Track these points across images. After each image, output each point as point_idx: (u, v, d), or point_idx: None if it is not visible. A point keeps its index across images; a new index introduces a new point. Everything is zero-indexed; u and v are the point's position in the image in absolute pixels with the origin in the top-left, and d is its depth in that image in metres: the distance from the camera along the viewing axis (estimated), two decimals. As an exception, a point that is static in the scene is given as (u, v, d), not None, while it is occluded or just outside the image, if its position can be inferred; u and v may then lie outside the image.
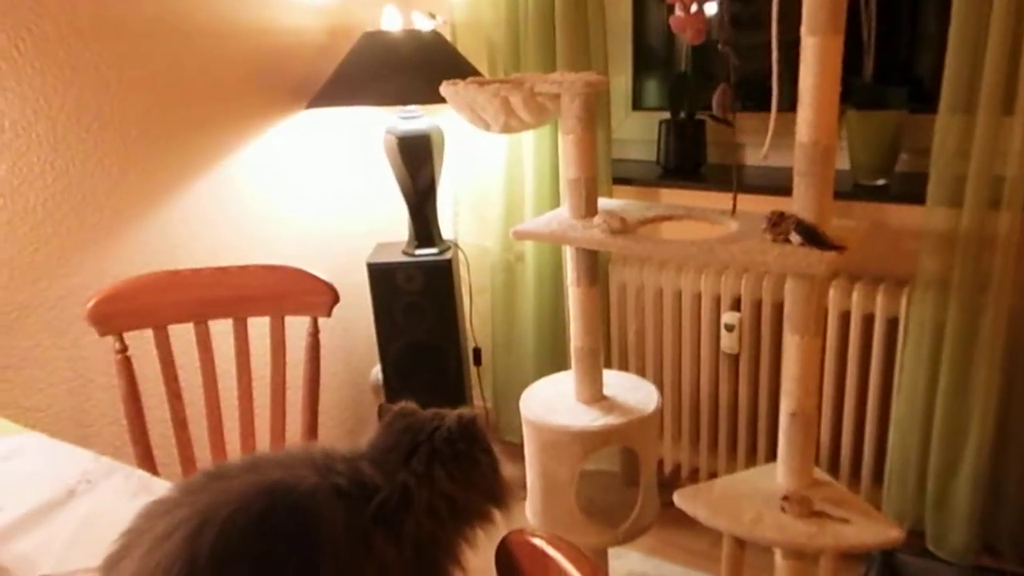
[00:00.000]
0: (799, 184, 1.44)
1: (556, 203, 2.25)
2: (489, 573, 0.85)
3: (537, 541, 0.80)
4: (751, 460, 2.19)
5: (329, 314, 1.64)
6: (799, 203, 1.45)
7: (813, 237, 1.42)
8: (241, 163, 2.06)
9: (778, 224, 1.47)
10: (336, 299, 1.64)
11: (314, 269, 1.63)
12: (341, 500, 0.76)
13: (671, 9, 1.81)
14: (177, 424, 1.64)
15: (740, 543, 1.62)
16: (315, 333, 1.66)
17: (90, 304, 1.53)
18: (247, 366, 1.66)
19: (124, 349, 1.57)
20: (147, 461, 1.58)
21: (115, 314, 1.56)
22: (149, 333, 1.59)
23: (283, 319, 1.66)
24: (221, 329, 1.87)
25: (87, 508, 1.10)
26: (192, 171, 1.94)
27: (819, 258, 1.37)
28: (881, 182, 1.94)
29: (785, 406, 1.59)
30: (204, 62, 1.94)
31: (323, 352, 2.41)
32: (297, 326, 2.10)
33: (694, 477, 2.30)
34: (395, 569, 0.76)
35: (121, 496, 1.12)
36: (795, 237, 1.44)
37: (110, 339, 1.55)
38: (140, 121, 1.81)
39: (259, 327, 1.92)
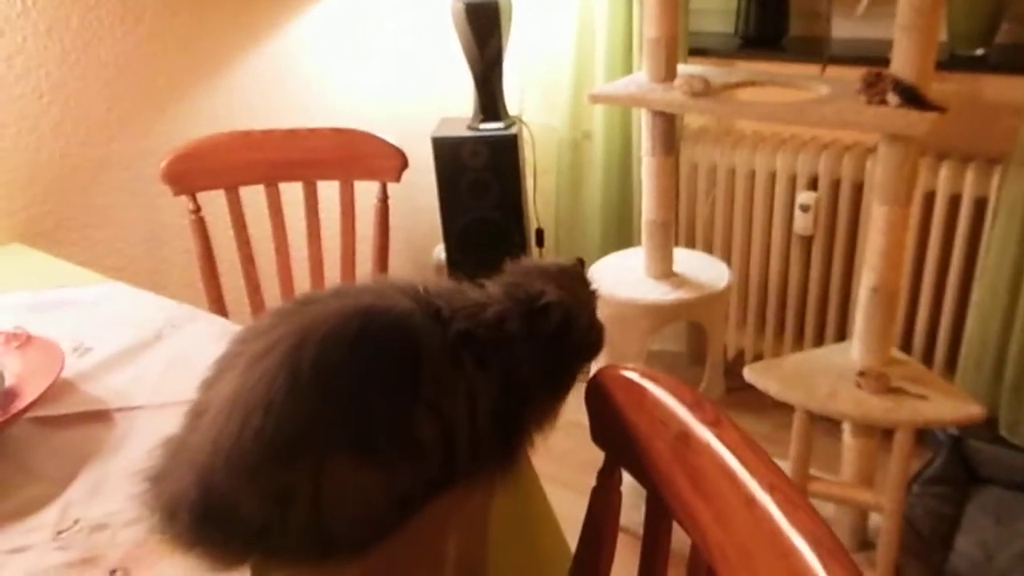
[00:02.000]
0: (900, 39, 1.34)
1: (627, 77, 2.17)
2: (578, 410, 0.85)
3: (631, 374, 0.79)
4: (818, 346, 2.15)
5: (398, 179, 1.62)
6: (899, 61, 1.36)
7: (913, 97, 1.33)
8: (306, 27, 2.01)
9: (874, 84, 1.38)
10: (405, 163, 1.61)
11: (379, 142, 1.60)
12: (436, 322, 0.75)
13: None
14: (251, 288, 1.66)
15: (811, 419, 1.60)
16: (384, 199, 1.64)
17: (164, 163, 1.53)
18: (317, 231, 1.66)
19: (198, 209, 1.57)
20: (223, 321, 1.61)
21: (188, 173, 1.56)
22: (222, 199, 1.59)
23: (352, 184, 1.65)
24: (291, 198, 1.86)
25: (175, 348, 1.12)
26: (257, 35, 1.90)
27: (920, 118, 1.29)
28: (980, 52, 1.82)
29: (867, 280, 1.54)
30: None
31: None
32: (366, 196, 2.09)
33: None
34: (482, 400, 0.76)
35: (207, 339, 1.14)
36: (892, 98, 1.36)
37: (184, 201, 1.56)
38: (206, -20, 1.77)
39: (329, 194, 1.91)
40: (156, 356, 1.10)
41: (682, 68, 1.71)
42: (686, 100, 1.49)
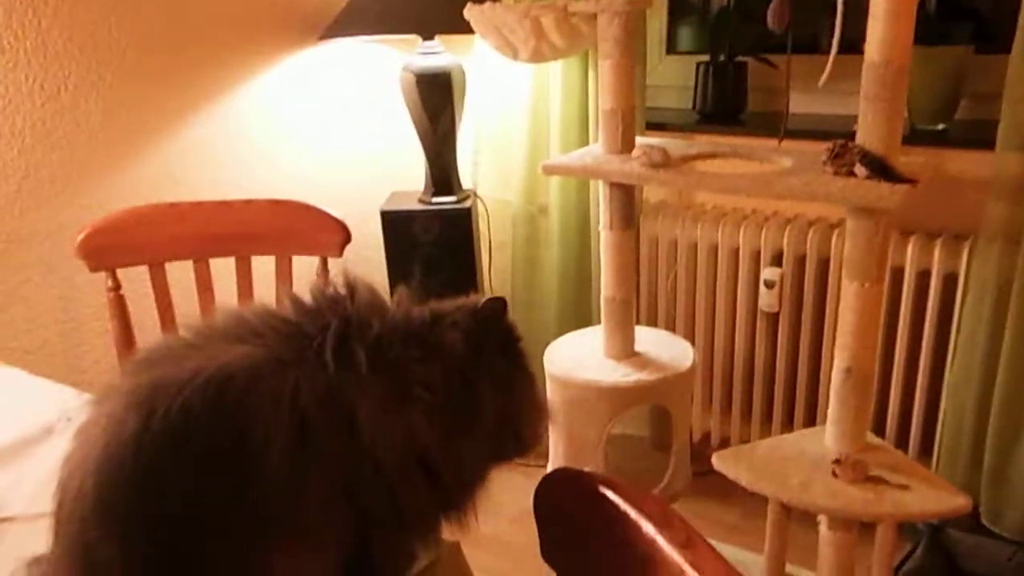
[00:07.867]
0: (866, 111, 1.28)
1: (584, 151, 2.10)
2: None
3: (589, 481, 0.67)
4: (787, 429, 2.05)
5: (340, 254, 1.51)
6: (865, 132, 1.29)
7: (881, 169, 1.27)
8: (248, 98, 1.92)
9: (841, 156, 1.32)
10: (348, 238, 1.51)
11: (324, 214, 1.50)
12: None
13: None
14: (175, 371, 1.51)
15: (786, 510, 1.49)
16: (325, 275, 1.52)
17: (81, 236, 1.40)
18: (251, 310, 1.53)
19: (117, 287, 1.44)
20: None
21: (108, 248, 1.43)
22: (144, 272, 1.46)
23: (290, 259, 1.53)
24: (222, 271, 1.74)
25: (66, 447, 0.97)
26: (195, 103, 1.80)
27: (891, 190, 1.22)
28: (941, 127, 1.79)
29: (839, 361, 1.44)
30: (210, -13, 1.81)
31: (334, 307, 2.28)
32: (305, 269, 1.97)
33: (724, 447, 2.16)
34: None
35: (104, 435, 0.99)
36: (860, 169, 1.29)
37: (103, 278, 1.42)
38: (139, 45, 1.67)
39: (264, 267, 1.79)
40: (43, 455, 0.95)
41: (640, 140, 1.64)
42: (645, 171, 1.41)
